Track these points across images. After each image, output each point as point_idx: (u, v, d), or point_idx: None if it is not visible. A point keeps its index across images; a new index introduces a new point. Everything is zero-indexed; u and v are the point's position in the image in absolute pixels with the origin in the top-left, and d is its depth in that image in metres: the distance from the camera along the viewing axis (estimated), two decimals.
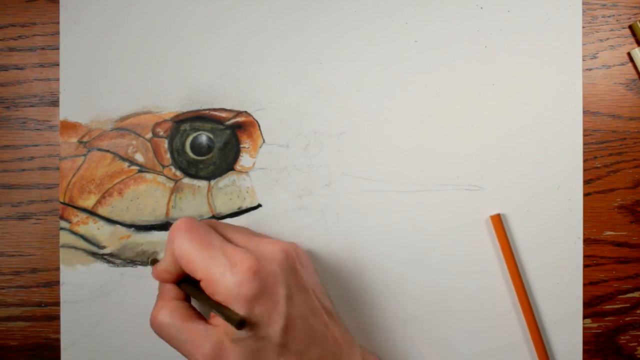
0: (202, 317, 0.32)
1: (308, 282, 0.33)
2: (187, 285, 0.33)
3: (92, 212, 0.39)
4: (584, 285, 0.39)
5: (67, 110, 0.39)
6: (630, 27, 0.39)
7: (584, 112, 0.39)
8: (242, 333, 0.30)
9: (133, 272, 0.39)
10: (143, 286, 0.39)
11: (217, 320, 0.31)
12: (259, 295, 0.30)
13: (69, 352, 0.39)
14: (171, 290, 0.33)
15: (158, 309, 0.32)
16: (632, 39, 0.39)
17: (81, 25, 0.39)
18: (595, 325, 0.39)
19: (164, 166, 0.39)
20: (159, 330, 0.32)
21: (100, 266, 0.39)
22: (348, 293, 0.39)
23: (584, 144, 0.39)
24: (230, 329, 0.30)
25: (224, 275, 0.30)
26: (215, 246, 0.31)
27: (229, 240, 0.33)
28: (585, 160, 0.39)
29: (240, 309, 0.30)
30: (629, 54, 0.39)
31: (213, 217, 0.39)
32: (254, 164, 0.39)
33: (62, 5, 0.39)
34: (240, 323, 0.29)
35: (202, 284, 0.31)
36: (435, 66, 0.39)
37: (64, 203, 0.39)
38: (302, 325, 0.31)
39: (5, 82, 0.39)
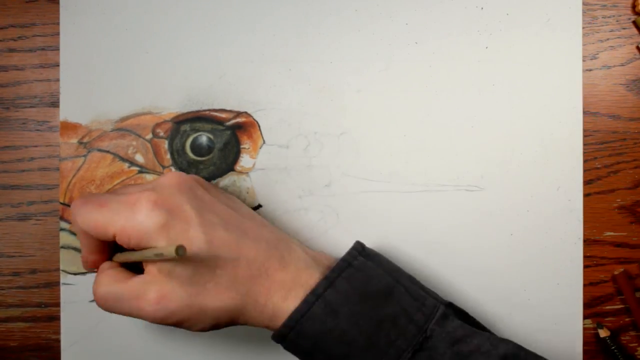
0: (136, 273, 0.32)
1: (215, 197, 0.34)
2: (116, 256, 0.33)
3: None
4: (584, 285, 0.39)
5: (67, 111, 0.39)
6: (634, 22, 0.39)
7: (584, 112, 0.39)
8: (171, 265, 0.30)
9: None
10: None
11: (148, 267, 0.31)
12: (168, 222, 0.30)
13: (69, 353, 0.39)
14: (103, 265, 0.33)
15: (95, 283, 0.32)
16: (632, 39, 0.39)
17: (81, 26, 0.39)
18: (595, 325, 0.39)
19: (164, 167, 0.39)
20: (101, 301, 0.32)
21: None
22: None
23: (584, 144, 0.39)
24: (162, 267, 0.30)
25: (129, 218, 0.30)
26: (111, 199, 0.32)
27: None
28: (585, 161, 0.39)
29: (156, 242, 0.30)
30: (637, 47, 0.39)
31: None
32: (254, 164, 0.39)
33: (62, 5, 0.39)
34: (178, 249, 0.28)
35: (118, 239, 0.31)
36: (436, 66, 0.39)
37: (64, 204, 0.39)
38: (224, 232, 0.31)
39: (5, 82, 0.39)
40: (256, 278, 0.32)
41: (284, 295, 0.32)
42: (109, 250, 0.34)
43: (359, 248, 0.34)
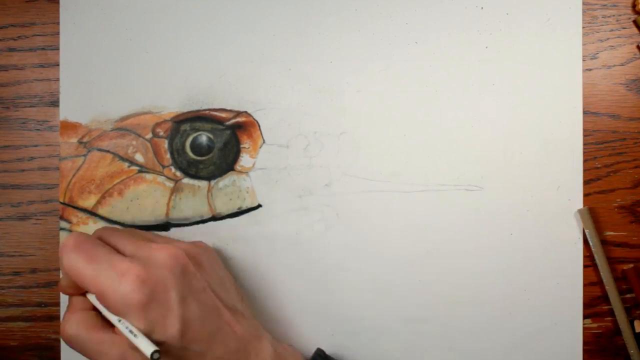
0: (109, 326, 0.32)
1: (206, 282, 0.33)
2: (94, 299, 0.33)
3: (92, 213, 0.39)
4: (584, 285, 0.39)
5: (67, 111, 0.39)
6: (634, 21, 0.39)
7: (584, 112, 0.39)
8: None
9: None
10: None
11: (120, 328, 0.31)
12: (149, 302, 0.30)
13: (69, 352, 0.39)
14: (78, 301, 0.33)
15: (65, 321, 0.32)
16: (632, 39, 0.39)
17: (81, 25, 0.39)
18: (595, 325, 0.39)
19: (164, 166, 0.39)
20: (68, 341, 0.32)
21: None
22: (347, 293, 0.39)
23: (584, 144, 0.39)
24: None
25: (113, 286, 0.30)
26: (102, 259, 0.31)
27: (118, 251, 0.33)
28: (585, 161, 0.39)
29: (133, 318, 0.30)
30: (638, 46, 0.39)
31: (213, 217, 0.39)
32: (254, 164, 0.39)
33: (62, 5, 0.39)
34: (154, 354, 0.29)
35: (97, 298, 0.31)
36: (436, 66, 0.39)
37: (64, 203, 0.39)
38: (200, 326, 0.31)
39: (5, 82, 0.39)
40: None
41: None
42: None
43: (320, 353, 0.36)
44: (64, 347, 0.39)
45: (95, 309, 0.33)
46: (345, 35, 0.39)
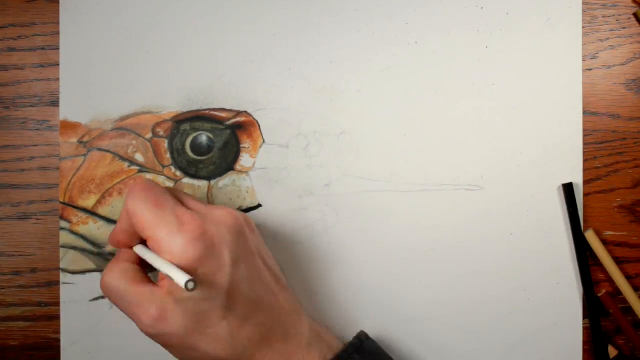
0: (151, 281, 0.32)
1: (256, 248, 0.33)
2: (139, 248, 0.33)
3: (92, 212, 0.39)
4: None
5: (67, 110, 0.39)
6: (634, 14, 0.39)
7: (584, 112, 0.39)
8: (185, 294, 0.30)
9: None
10: None
11: (163, 282, 0.31)
12: (204, 257, 0.30)
13: (69, 352, 0.39)
14: (125, 253, 0.33)
15: (107, 270, 0.32)
16: (632, 39, 0.39)
17: (81, 25, 0.39)
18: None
19: (164, 166, 0.39)
20: (106, 291, 0.32)
21: (100, 266, 0.39)
22: (347, 293, 0.39)
23: (584, 144, 0.39)
24: (175, 289, 0.30)
25: (171, 234, 0.30)
26: (167, 206, 0.31)
27: (183, 204, 0.33)
28: (585, 160, 0.39)
29: (184, 269, 0.30)
30: (634, 14, 0.39)
31: None
32: (254, 164, 0.39)
33: (62, 5, 0.39)
34: (188, 283, 0.28)
35: (149, 243, 0.31)
36: (436, 66, 0.39)
37: (64, 203, 0.39)
38: (247, 290, 0.31)
39: (5, 82, 0.39)
40: (256, 342, 0.32)
41: None
42: (138, 238, 0.33)
43: (362, 337, 0.35)
44: (64, 346, 0.39)
45: (140, 263, 0.33)
46: (345, 35, 0.39)
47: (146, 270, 0.33)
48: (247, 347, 0.31)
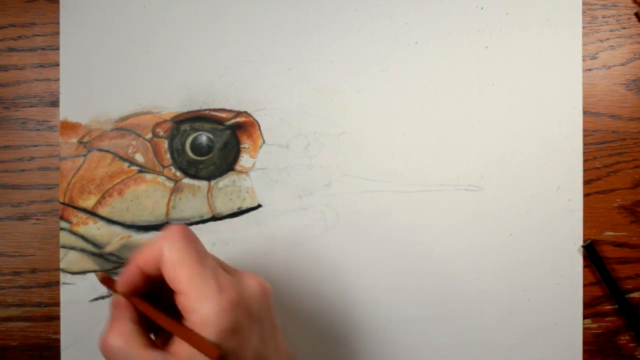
0: (157, 345, 0.29)
1: (275, 319, 0.32)
2: (146, 304, 0.30)
3: (92, 213, 0.39)
4: (584, 285, 0.39)
5: (67, 111, 0.39)
6: (636, 14, 0.39)
7: (584, 112, 0.39)
8: None
9: None
10: None
11: (177, 347, 0.28)
12: (235, 330, 0.28)
13: (69, 352, 0.39)
14: (127, 311, 0.30)
15: (110, 331, 0.29)
16: (632, 39, 0.39)
17: (81, 25, 0.39)
18: (595, 325, 0.39)
19: (164, 166, 0.39)
20: (108, 354, 0.29)
21: (100, 266, 0.39)
22: (347, 293, 0.39)
23: (584, 144, 0.39)
24: (193, 358, 0.28)
25: (208, 298, 0.28)
26: (209, 266, 0.29)
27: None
28: (585, 161, 0.39)
29: (212, 339, 0.27)
30: (636, 14, 0.39)
31: (213, 217, 0.39)
32: (254, 164, 0.39)
33: (62, 5, 0.39)
34: (220, 358, 0.27)
35: (179, 297, 0.29)
36: (435, 66, 0.39)
37: (64, 203, 0.39)
38: None
39: (5, 82, 0.39)
40: None
41: None
42: (148, 284, 0.31)
43: None
44: (64, 346, 0.39)
45: (140, 322, 0.30)
46: (345, 35, 0.39)
47: (147, 328, 0.31)
48: None
